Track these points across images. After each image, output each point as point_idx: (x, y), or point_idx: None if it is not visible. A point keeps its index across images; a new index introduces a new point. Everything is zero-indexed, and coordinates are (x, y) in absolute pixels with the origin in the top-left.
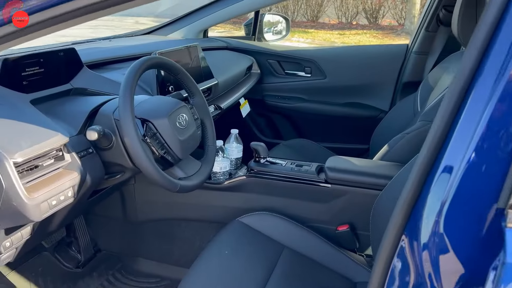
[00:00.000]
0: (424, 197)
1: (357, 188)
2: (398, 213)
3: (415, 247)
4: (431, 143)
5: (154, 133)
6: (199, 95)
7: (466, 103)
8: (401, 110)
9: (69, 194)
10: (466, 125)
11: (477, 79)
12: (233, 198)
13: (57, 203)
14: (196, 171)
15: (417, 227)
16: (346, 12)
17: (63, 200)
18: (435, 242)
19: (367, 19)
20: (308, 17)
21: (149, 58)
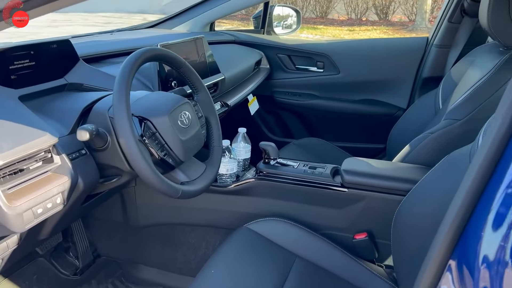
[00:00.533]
0: (482, 215)
1: (376, 192)
2: (444, 233)
3: (468, 276)
4: (490, 147)
5: (153, 133)
6: (204, 91)
7: None
8: (420, 108)
9: (57, 201)
10: None
11: None
12: (240, 202)
13: (43, 211)
14: (200, 175)
15: (472, 252)
16: (356, 8)
17: (50, 208)
18: (499, 272)
19: (377, 15)
20: (317, 13)
21: (147, 50)
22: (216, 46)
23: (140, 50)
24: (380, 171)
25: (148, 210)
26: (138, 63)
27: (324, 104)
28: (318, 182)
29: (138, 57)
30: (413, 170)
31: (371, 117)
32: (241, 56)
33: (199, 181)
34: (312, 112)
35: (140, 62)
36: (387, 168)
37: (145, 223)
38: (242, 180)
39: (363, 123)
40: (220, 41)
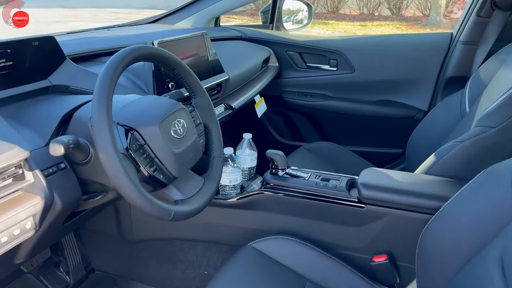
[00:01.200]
0: None
1: (398, 210)
2: None
3: None
4: None
5: (141, 145)
6: (203, 94)
7: None
8: (444, 111)
9: (27, 226)
10: None
11: None
12: (245, 217)
13: (8, 239)
14: (197, 191)
15: None
16: (368, 3)
17: (18, 235)
18: None
19: (390, 10)
20: (328, 8)
21: (135, 48)
22: (221, 43)
23: (127, 48)
24: (403, 185)
25: (144, 223)
26: (124, 64)
27: (337, 105)
28: (332, 197)
29: (123, 56)
30: (441, 184)
31: (388, 120)
32: (247, 54)
33: (195, 199)
34: (324, 113)
35: (127, 62)
36: (411, 181)
37: (141, 237)
38: (247, 191)
39: (380, 126)
40: (225, 37)
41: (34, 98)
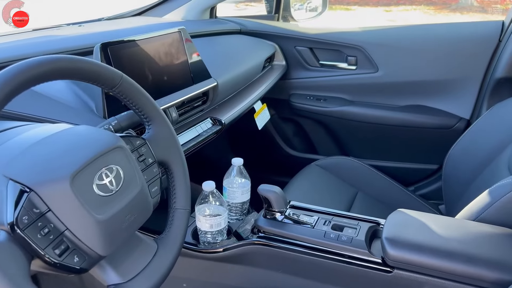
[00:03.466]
0: None
1: (441, 280)
2: None
3: None
4: None
5: (40, 214)
6: (160, 119)
7: None
8: (494, 121)
9: None
10: None
11: None
12: (232, 273)
13: None
14: (143, 267)
15: None
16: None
17: None
18: None
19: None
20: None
21: (30, 64)
22: (215, 38)
23: (18, 64)
24: (448, 242)
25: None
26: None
27: (357, 112)
28: (347, 255)
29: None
30: (501, 241)
31: (420, 130)
32: (247, 51)
33: (139, 282)
34: (341, 121)
35: (15, 87)
36: (459, 237)
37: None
38: (234, 240)
39: (410, 137)
40: (221, 31)
41: None
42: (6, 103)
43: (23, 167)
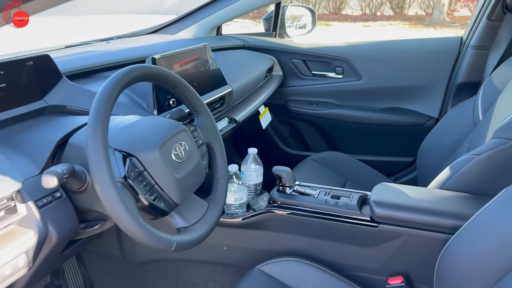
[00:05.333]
0: None
1: (415, 229)
2: None
3: None
4: None
5: (139, 173)
6: (205, 112)
7: None
8: (456, 118)
9: (19, 263)
10: None
11: None
12: (252, 237)
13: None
14: (200, 217)
15: None
16: (370, 3)
17: (10, 274)
18: None
19: (393, 9)
20: (330, 10)
21: (133, 69)
22: (223, 53)
23: (125, 69)
24: (419, 202)
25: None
26: (121, 86)
27: (344, 114)
28: (344, 216)
29: (120, 78)
30: (460, 201)
31: (397, 128)
32: (251, 63)
33: (199, 226)
34: (331, 122)
35: (124, 84)
36: (427, 198)
37: (144, 259)
38: (253, 211)
39: (389, 134)
40: (227, 47)
41: (28, 121)
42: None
43: (122, 141)
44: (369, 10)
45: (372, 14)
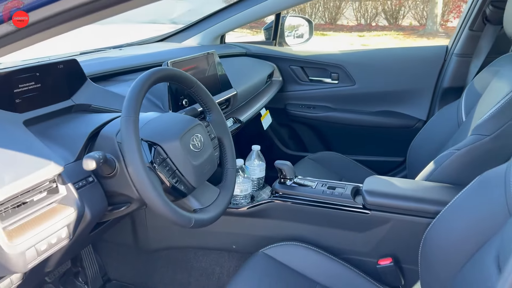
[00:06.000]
0: None
1: (402, 215)
2: None
3: None
4: None
5: (163, 159)
6: (217, 110)
7: None
8: (442, 120)
9: (63, 235)
10: None
11: None
12: (256, 225)
13: (47, 247)
14: (213, 201)
15: None
16: (365, 13)
17: (55, 243)
18: None
19: (387, 20)
20: (326, 20)
21: (157, 70)
22: (227, 60)
23: (151, 70)
24: (405, 191)
25: (159, 232)
26: (148, 85)
27: (339, 117)
28: (339, 204)
29: (148, 78)
30: (440, 190)
31: (389, 130)
32: (253, 69)
33: (212, 208)
34: (327, 124)
35: (150, 83)
36: (412, 188)
37: (157, 247)
38: (257, 200)
39: (381, 135)
40: (231, 54)
41: (60, 117)
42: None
43: (148, 133)
44: (364, 21)
45: (367, 24)
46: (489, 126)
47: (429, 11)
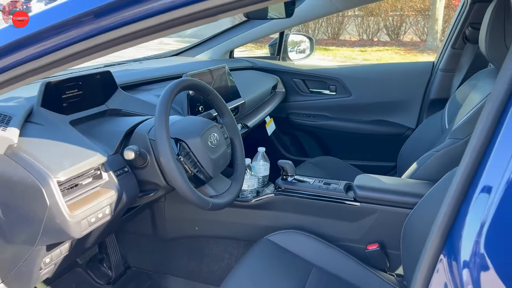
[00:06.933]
0: (463, 217)
1: (387, 206)
2: (435, 233)
3: (455, 267)
4: (468, 162)
5: (187, 152)
6: (229, 115)
7: (505, 120)
8: (428, 127)
9: (106, 211)
10: (506, 141)
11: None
12: (261, 216)
13: (95, 220)
14: (226, 189)
15: (456, 247)
16: (367, 29)
17: (101, 217)
18: (476, 262)
19: (389, 35)
20: (329, 35)
21: (183, 80)
22: (235, 72)
23: (177, 80)
24: (390, 186)
25: (175, 223)
26: (176, 92)
27: (337, 125)
28: (333, 197)
29: (175, 86)
30: (420, 185)
31: (381, 137)
32: (259, 81)
33: (226, 195)
34: (325, 132)
35: (178, 91)
36: (396, 183)
37: (173, 236)
38: (262, 195)
39: (374, 142)
40: (239, 67)
41: (97, 119)
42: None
43: (174, 131)
44: (366, 36)
45: (369, 39)
46: (462, 131)
47: (430, 28)
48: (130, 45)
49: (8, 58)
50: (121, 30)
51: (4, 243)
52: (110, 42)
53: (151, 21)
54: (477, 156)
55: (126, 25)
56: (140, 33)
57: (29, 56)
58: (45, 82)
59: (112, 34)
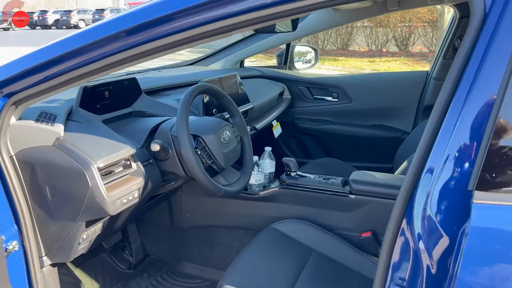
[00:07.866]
0: (416, 190)
1: (379, 198)
2: (399, 202)
3: (412, 226)
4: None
5: (203, 146)
6: (239, 116)
7: (442, 122)
8: (422, 131)
9: (135, 195)
10: (444, 135)
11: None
12: (267, 207)
13: (127, 201)
14: (236, 180)
15: (412, 212)
16: (376, 40)
17: (131, 200)
18: (425, 223)
19: (397, 46)
20: (338, 46)
21: (200, 85)
22: (245, 80)
23: (195, 85)
24: (382, 180)
25: (191, 214)
26: (194, 95)
27: (338, 129)
28: (331, 190)
29: (194, 90)
30: None
31: (380, 140)
32: (267, 88)
33: (236, 185)
34: (328, 135)
35: (196, 94)
36: (387, 178)
37: (188, 226)
38: (268, 189)
39: (373, 145)
40: (249, 76)
41: (125, 119)
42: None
43: (193, 128)
44: (375, 47)
45: (378, 50)
46: None
47: (438, 38)
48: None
49: (60, 66)
50: (152, 43)
51: (50, 221)
52: (140, 54)
53: (178, 35)
54: (426, 146)
55: (156, 40)
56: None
57: (75, 64)
58: (83, 86)
59: (143, 48)
